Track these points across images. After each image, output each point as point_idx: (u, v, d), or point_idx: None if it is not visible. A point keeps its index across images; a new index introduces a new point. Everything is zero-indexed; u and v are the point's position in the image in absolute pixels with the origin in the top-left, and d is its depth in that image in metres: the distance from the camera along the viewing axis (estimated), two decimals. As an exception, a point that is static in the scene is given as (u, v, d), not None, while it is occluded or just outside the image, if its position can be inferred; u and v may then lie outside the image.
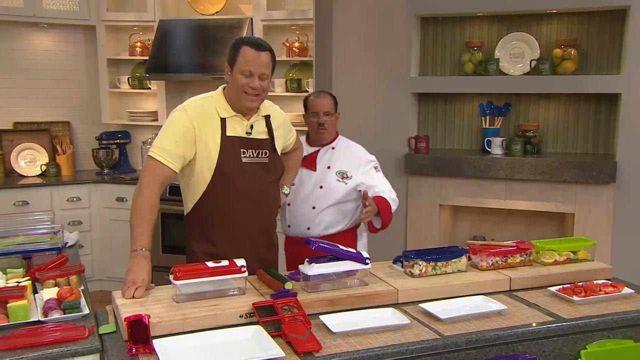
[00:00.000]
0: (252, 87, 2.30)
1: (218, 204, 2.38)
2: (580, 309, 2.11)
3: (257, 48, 2.29)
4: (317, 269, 2.13)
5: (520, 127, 4.06)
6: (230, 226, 2.41)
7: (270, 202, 2.53)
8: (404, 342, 1.83)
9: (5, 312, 1.89)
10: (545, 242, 2.56)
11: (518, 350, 1.94)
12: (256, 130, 2.44)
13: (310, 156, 2.85)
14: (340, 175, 2.82)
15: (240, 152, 2.38)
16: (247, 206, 2.41)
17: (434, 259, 2.34)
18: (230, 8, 4.79)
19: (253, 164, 2.42)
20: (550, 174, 3.74)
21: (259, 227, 2.49)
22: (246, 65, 2.28)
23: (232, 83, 2.33)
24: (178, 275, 1.98)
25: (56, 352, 1.71)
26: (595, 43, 3.86)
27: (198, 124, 2.31)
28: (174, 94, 5.01)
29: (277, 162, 2.53)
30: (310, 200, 2.80)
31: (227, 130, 2.36)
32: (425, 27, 4.23)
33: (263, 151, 2.45)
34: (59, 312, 1.92)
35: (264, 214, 2.50)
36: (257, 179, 2.43)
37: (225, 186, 2.36)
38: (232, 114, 2.37)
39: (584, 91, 3.78)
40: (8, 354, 1.69)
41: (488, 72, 3.96)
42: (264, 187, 2.47)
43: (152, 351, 1.70)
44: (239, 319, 1.93)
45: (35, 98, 4.95)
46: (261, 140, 2.45)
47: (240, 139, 2.39)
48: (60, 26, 4.89)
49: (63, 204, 4.60)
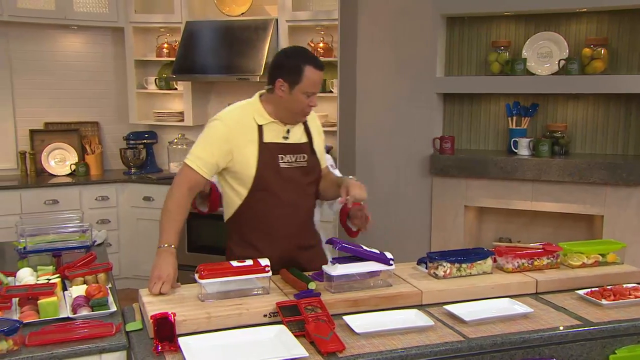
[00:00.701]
0: (312, 105, 2.35)
1: (257, 210, 2.41)
2: (609, 312, 2.07)
3: (319, 68, 2.31)
4: (341, 269, 2.13)
5: (548, 127, 4.01)
6: (271, 230, 2.42)
7: (309, 203, 2.54)
8: (428, 343, 1.83)
9: (36, 309, 1.94)
10: (573, 244, 2.52)
11: (544, 353, 1.91)
12: (294, 135, 2.45)
13: None
14: None
15: (278, 158, 2.39)
16: (286, 211, 2.42)
17: (459, 261, 2.32)
18: (256, 9, 4.81)
19: (292, 169, 2.43)
20: (578, 175, 3.68)
21: (299, 229, 2.49)
22: (312, 87, 2.30)
23: (290, 100, 2.32)
24: (203, 274, 2.00)
25: (84, 348, 1.75)
26: (626, 42, 3.79)
27: (235, 133, 2.34)
28: (200, 94, 5.06)
29: (315, 164, 2.52)
30: None
31: (265, 137, 2.37)
32: (451, 26, 4.19)
33: (301, 155, 2.46)
34: (87, 309, 1.96)
35: (303, 216, 2.51)
36: (295, 183, 2.43)
37: (264, 192, 2.38)
38: (269, 121, 2.38)
39: (614, 91, 3.71)
40: (39, 349, 1.73)
41: (515, 72, 3.92)
42: (303, 190, 2.48)
43: (178, 349, 1.72)
44: (263, 318, 1.95)
45: (65, 99, 5.04)
46: (299, 145, 2.46)
47: (277, 145, 2.40)
48: (90, 28, 4.98)
49: (92, 202, 4.68)
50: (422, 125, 4.17)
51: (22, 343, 1.74)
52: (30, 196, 4.48)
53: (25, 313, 1.92)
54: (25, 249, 2.46)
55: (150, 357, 1.72)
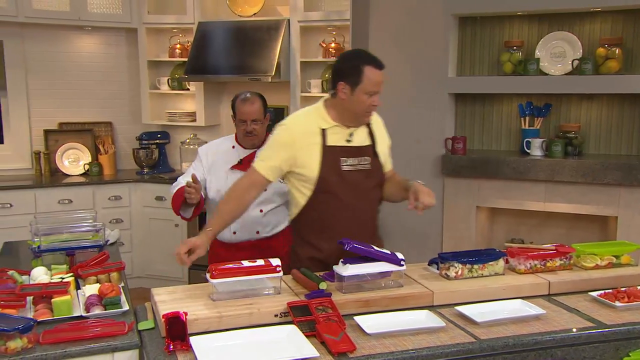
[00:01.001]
0: (375, 104, 2.39)
1: (320, 212, 2.45)
2: (623, 315, 2.06)
3: (379, 67, 2.35)
4: (352, 269, 2.13)
5: (561, 128, 3.97)
6: (332, 232, 2.43)
7: (372, 206, 2.57)
8: (439, 344, 1.82)
9: (50, 307, 1.96)
10: (586, 245, 2.50)
11: (557, 355, 1.90)
12: (357, 138, 2.48)
13: (247, 159, 2.82)
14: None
15: (341, 161, 2.43)
16: (348, 213, 2.45)
17: (471, 262, 2.31)
18: (268, 9, 4.83)
19: (354, 172, 2.46)
20: (592, 176, 3.64)
21: (361, 232, 2.47)
22: (373, 87, 2.34)
23: (352, 101, 2.36)
24: (215, 274, 2.01)
25: (97, 346, 1.77)
26: (641, 42, 3.75)
27: (298, 137, 2.41)
28: (212, 95, 5.08)
29: (378, 168, 2.54)
30: (256, 203, 2.67)
31: (327, 140, 2.42)
32: (463, 26, 4.17)
33: (364, 158, 2.49)
34: (100, 308, 1.98)
35: (365, 219, 2.53)
36: (358, 186, 2.46)
37: (327, 195, 2.42)
38: (332, 124, 2.43)
39: (628, 91, 3.66)
40: (52, 347, 1.75)
41: (528, 72, 3.89)
42: (366, 194, 2.50)
43: (189, 348, 1.73)
44: (274, 318, 1.95)
45: (79, 99, 5.09)
46: (362, 147, 2.49)
47: (340, 148, 2.44)
48: (104, 29, 5.02)
49: (105, 202, 4.72)
50: (434, 126, 4.15)
51: (36, 341, 1.76)
52: (44, 196, 4.52)
53: (39, 311, 1.94)
54: (40, 248, 2.49)
55: (162, 356, 1.73)
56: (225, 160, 2.87)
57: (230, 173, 2.84)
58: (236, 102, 2.87)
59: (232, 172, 2.84)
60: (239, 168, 2.82)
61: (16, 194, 4.45)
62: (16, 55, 4.80)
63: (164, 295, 2.06)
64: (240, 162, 2.84)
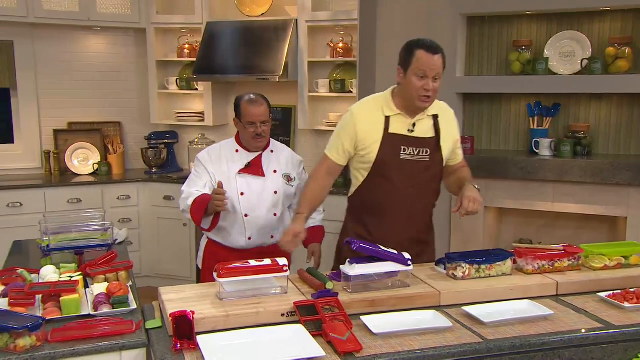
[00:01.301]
0: (427, 88, 2.41)
1: (374, 195, 2.57)
2: (632, 316, 2.04)
3: (431, 51, 2.40)
4: (359, 269, 2.13)
5: (570, 128, 3.95)
6: (383, 217, 2.56)
7: (427, 198, 2.63)
8: (446, 344, 1.82)
9: (59, 306, 1.97)
10: (595, 246, 2.49)
11: (564, 356, 1.89)
12: (419, 129, 2.54)
13: (255, 162, 2.77)
14: (286, 178, 2.81)
15: (401, 149, 2.51)
16: (400, 201, 2.54)
17: (478, 262, 2.31)
18: (276, 9, 4.83)
19: (412, 162, 2.53)
20: (601, 176, 3.62)
21: (412, 221, 2.59)
22: (421, 68, 2.39)
23: (405, 85, 2.45)
24: (222, 273, 2.01)
25: (105, 345, 1.78)
26: (651, 41, 3.72)
27: (362, 123, 2.52)
28: (220, 94, 5.09)
29: (438, 161, 2.59)
30: (269, 207, 2.76)
31: (390, 128, 2.51)
32: (471, 26, 4.16)
33: (424, 149, 2.54)
34: (108, 307, 1.99)
35: (419, 209, 2.61)
36: (414, 176, 2.54)
37: (382, 179, 2.53)
38: (396, 112, 2.51)
39: (638, 91, 3.64)
40: (61, 345, 1.76)
41: (536, 71, 3.87)
42: (421, 184, 2.57)
43: (196, 347, 1.74)
44: (281, 317, 1.96)
45: (88, 99, 5.12)
46: (424, 139, 2.54)
47: (401, 137, 2.51)
48: (113, 29, 5.04)
49: (113, 201, 4.74)
50: (442, 126, 4.14)
51: (45, 339, 1.77)
52: (54, 195, 4.55)
53: (48, 310, 1.95)
54: (49, 247, 2.50)
55: (170, 354, 1.74)
56: (231, 165, 2.77)
57: (238, 177, 2.75)
58: (242, 104, 2.75)
59: (241, 177, 2.75)
60: (247, 172, 2.75)
61: (26, 193, 4.48)
62: (26, 55, 4.84)
63: (171, 294, 2.07)
64: (248, 165, 2.76)
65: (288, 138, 4.93)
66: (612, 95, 3.84)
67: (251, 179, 2.75)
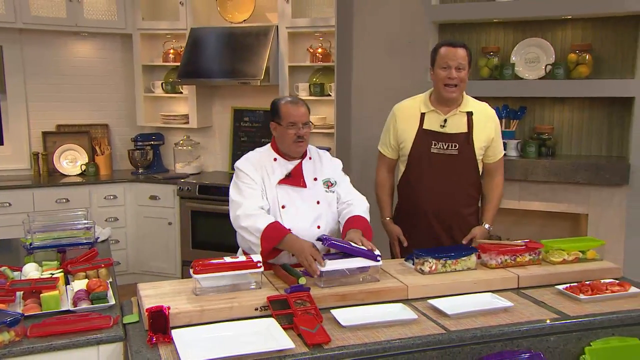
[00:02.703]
0: (450, 77, 2.59)
1: (409, 185, 2.78)
2: (586, 306, 2.07)
3: (452, 45, 2.63)
4: (330, 265, 2.14)
5: (535, 129, 3.99)
6: (417, 205, 2.75)
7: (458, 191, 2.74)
8: (411, 336, 1.83)
9: (39, 302, 1.95)
10: (554, 241, 2.52)
11: (523, 346, 1.91)
12: (451, 125, 2.68)
13: (296, 172, 2.49)
14: (326, 184, 2.55)
15: (432, 144, 2.69)
16: (431, 191, 2.71)
17: (444, 257, 2.32)
18: (257, 16, 4.82)
19: (442, 155, 2.68)
20: (564, 175, 3.67)
21: (441, 212, 2.72)
22: (443, 60, 2.61)
23: (434, 79, 2.67)
24: (197, 270, 2.01)
25: (82, 340, 1.76)
26: (610, 48, 3.77)
27: (401, 119, 2.76)
28: (205, 98, 5.07)
29: (468, 154, 2.70)
30: (313, 219, 2.48)
31: (424, 124, 2.71)
32: (442, 33, 4.18)
33: (453, 144, 2.67)
34: (87, 303, 1.97)
35: (448, 201, 2.72)
36: (443, 169, 2.69)
37: (415, 170, 2.74)
38: (430, 109, 2.71)
39: (598, 95, 3.69)
40: (39, 340, 1.74)
41: (504, 76, 3.91)
42: (451, 178, 2.70)
43: (171, 340, 1.73)
44: (254, 311, 1.95)
45: (76, 102, 5.06)
46: (454, 134, 2.68)
47: (433, 132, 2.69)
48: (100, 34, 4.99)
49: (101, 201, 4.70)
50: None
51: (24, 334, 1.76)
52: (42, 195, 4.49)
53: (28, 306, 1.93)
54: (32, 245, 2.47)
55: (145, 348, 1.73)
56: (271, 175, 2.48)
57: (278, 189, 2.46)
58: (281, 106, 2.47)
59: (281, 188, 2.46)
60: (288, 182, 2.47)
61: (15, 193, 4.42)
62: (15, 60, 4.77)
63: (149, 290, 2.06)
64: (289, 175, 2.47)
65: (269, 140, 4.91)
66: (574, 98, 3.89)
67: (292, 190, 2.47)
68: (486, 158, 2.79)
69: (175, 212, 4.69)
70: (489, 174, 2.83)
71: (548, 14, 3.75)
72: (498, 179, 2.84)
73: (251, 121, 5.03)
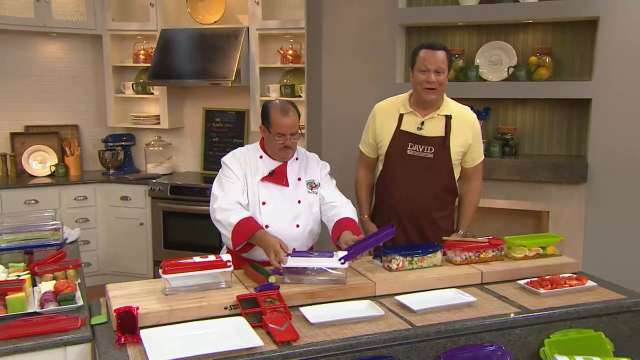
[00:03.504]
0: (429, 81, 2.53)
1: (384, 185, 2.75)
2: (546, 300, 2.11)
3: (431, 48, 2.56)
4: (291, 262, 2.14)
5: (499, 130, 4.06)
6: (392, 206, 2.71)
7: (432, 192, 2.67)
8: (377, 332, 1.84)
9: (4, 304, 1.90)
10: (516, 238, 2.56)
11: (486, 339, 1.94)
12: (428, 128, 2.62)
13: (279, 171, 2.48)
14: (310, 185, 2.54)
15: (408, 145, 2.64)
16: (405, 192, 2.67)
17: (411, 254, 2.34)
18: (228, 18, 4.78)
19: (417, 157, 2.63)
20: (526, 174, 3.74)
21: (415, 213, 2.68)
22: (423, 63, 2.54)
23: (413, 81, 2.61)
24: (166, 270, 1.98)
25: (49, 341, 1.72)
26: (568, 51, 3.86)
27: (380, 119, 2.71)
28: (175, 98, 5.01)
29: (443, 159, 2.64)
30: (292, 218, 2.47)
31: (402, 125, 2.66)
32: (409, 35, 4.22)
33: (429, 147, 2.61)
34: (54, 304, 1.92)
35: (421, 202, 2.67)
36: (417, 171, 2.65)
37: (390, 171, 2.70)
38: (409, 110, 2.65)
39: (557, 96, 3.77)
40: (4, 343, 1.69)
41: (468, 78, 3.96)
42: (424, 181, 2.65)
43: (139, 341, 1.70)
44: (224, 310, 1.94)
45: (46, 103, 4.94)
46: (431, 137, 2.63)
47: (410, 134, 2.64)
48: (69, 35, 4.89)
49: (71, 202, 4.60)
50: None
51: (-12, 337, 1.70)
52: (10, 196, 4.38)
53: (-7, 308, 1.88)
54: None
55: (112, 349, 1.70)
56: (255, 171, 2.48)
57: (260, 186, 2.46)
58: (272, 114, 2.42)
59: (263, 185, 2.46)
60: (270, 180, 2.47)
61: (-18, 195, 4.30)
62: (-18, 60, 4.65)
63: (117, 290, 2.02)
64: (272, 173, 2.47)
65: (242, 140, 4.90)
66: (535, 100, 3.97)
67: (274, 188, 2.47)
68: (464, 163, 2.71)
69: (146, 213, 4.63)
70: (466, 179, 2.77)
71: (510, 18, 3.81)
72: (475, 184, 2.77)
73: (223, 122, 5.00)
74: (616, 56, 3.56)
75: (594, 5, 3.55)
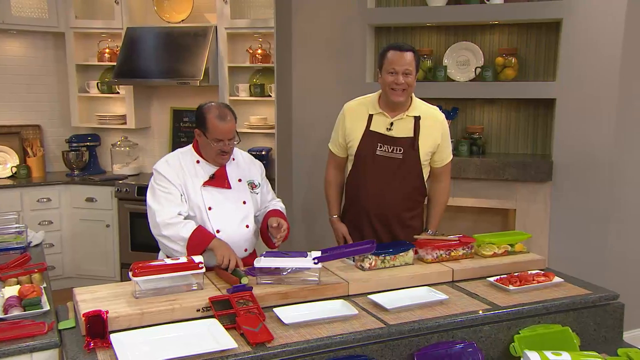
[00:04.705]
0: (397, 82, 2.54)
1: (353, 185, 2.76)
2: (515, 297, 2.16)
3: (399, 49, 2.56)
4: (264, 262, 2.13)
5: (467, 129, 4.12)
6: (361, 206, 2.72)
7: (401, 193, 2.70)
8: (351, 331, 1.84)
9: (-34, 311, 1.83)
10: (485, 236, 2.61)
11: (457, 336, 1.97)
12: (398, 128, 2.63)
13: (219, 173, 2.47)
14: (250, 185, 2.56)
15: (377, 146, 2.64)
16: (373, 193, 2.68)
17: (383, 253, 2.36)
18: (196, 16, 4.73)
19: (386, 158, 2.63)
20: (493, 173, 3.80)
21: (383, 214, 2.70)
22: (390, 65, 2.54)
23: (381, 83, 2.61)
24: (137, 272, 1.95)
25: (14, 348, 1.67)
26: (533, 52, 3.95)
27: (350, 119, 2.72)
28: (142, 98, 4.93)
29: (412, 160, 2.65)
30: (240, 219, 2.49)
31: (372, 125, 2.66)
32: (378, 36, 4.25)
33: (398, 148, 2.62)
34: (19, 309, 1.87)
35: (390, 203, 2.69)
36: (386, 172, 2.64)
37: (360, 171, 2.70)
38: (378, 111, 2.66)
39: (523, 96, 3.85)
40: (-34, 351, 1.64)
41: (437, 78, 4.01)
42: (393, 182, 2.65)
43: (109, 345, 1.67)
44: (196, 313, 1.92)
45: (6, 102, 4.80)
46: (400, 138, 2.63)
47: (379, 135, 2.65)
48: (30, 32, 4.75)
49: (33, 204, 4.47)
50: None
51: (-50, 346, 1.64)
52: (-31, 199, 4.24)
53: (-46, 316, 1.81)
54: (-42, 252, 2.32)
55: (82, 354, 1.66)
56: (194, 177, 2.43)
57: (204, 191, 2.43)
58: (209, 119, 2.36)
59: (206, 190, 2.43)
60: (212, 184, 2.45)
61: (-62, 197, 4.14)
62: (-63, 57, 4.47)
63: (86, 294, 1.98)
64: (213, 177, 2.45)
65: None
66: (502, 100, 4.04)
67: (217, 192, 2.45)
68: (433, 162, 2.74)
69: (113, 214, 4.54)
70: (435, 178, 2.80)
71: (477, 19, 3.87)
72: (444, 184, 2.81)
73: (191, 121, 4.93)
74: (579, 57, 3.65)
75: (558, 7, 3.64)
